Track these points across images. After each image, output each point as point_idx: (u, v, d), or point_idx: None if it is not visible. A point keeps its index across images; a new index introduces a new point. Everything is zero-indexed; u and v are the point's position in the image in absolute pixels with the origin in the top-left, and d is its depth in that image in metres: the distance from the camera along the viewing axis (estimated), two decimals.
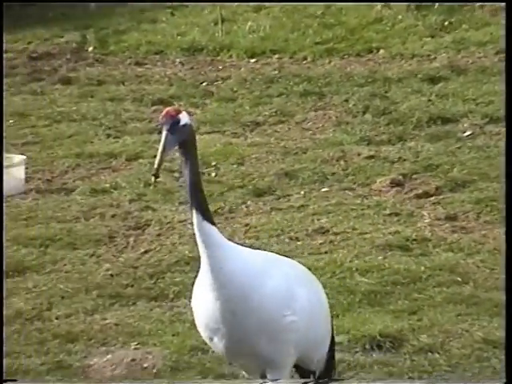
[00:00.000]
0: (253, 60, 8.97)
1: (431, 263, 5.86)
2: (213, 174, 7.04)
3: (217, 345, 3.94)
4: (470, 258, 5.87)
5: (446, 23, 9.20)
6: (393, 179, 6.85)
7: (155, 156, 3.89)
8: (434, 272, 5.77)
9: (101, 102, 8.25)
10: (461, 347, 5.15)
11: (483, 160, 7.01)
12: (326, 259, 5.91)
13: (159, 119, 3.94)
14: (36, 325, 5.46)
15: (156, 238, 6.31)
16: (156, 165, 3.85)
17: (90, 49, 9.27)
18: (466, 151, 7.20)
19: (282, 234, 6.26)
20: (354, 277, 5.73)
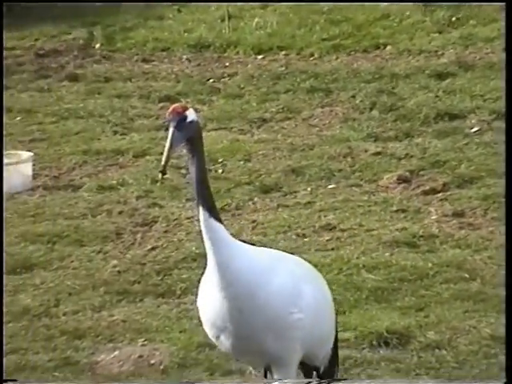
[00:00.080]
0: (260, 56, 8.96)
1: (438, 260, 5.85)
2: (220, 171, 7.03)
3: (223, 343, 3.94)
4: (478, 255, 5.85)
5: (454, 19, 9.17)
6: (400, 176, 6.83)
7: (162, 153, 3.89)
8: (442, 268, 5.76)
9: (108, 99, 8.25)
10: (468, 344, 5.14)
11: (491, 156, 6.98)
12: (333, 256, 5.91)
13: (166, 116, 3.94)
14: (43, 321, 5.47)
15: (163, 235, 6.31)
16: (163, 161, 3.85)
17: (97, 46, 9.27)
18: (474, 147, 7.18)
19: (289, 231, 6.25)
20: (361, 273, 5.72)
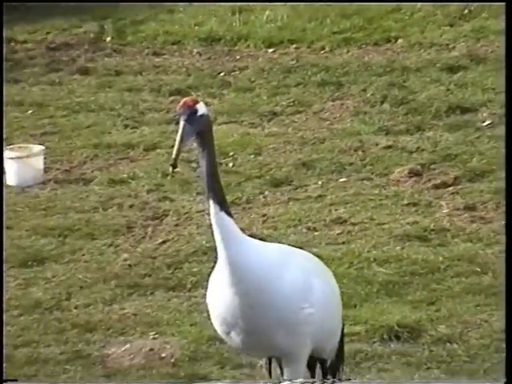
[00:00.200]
0: (270, 50, 8.94)
1: (450, 253, 5.83)
2: (230, 165, 7.03)
3: (234, 339, 3.93)
4: (489, 248, 5.84)
5: (466, 12, 9.12)
6: (411, 169, 6.82)
7: (173, 146, 3.89)
8: (453, 262, 5.75)
9: (119, 93, 8.25)
10: (479, 338, 5.13)
11: (502, 150, 6.96)
12: (344, 249, 5.90)
13: (177, 109, 3.94)
14: (55, 314, 5.49)
15: (174, 228, 6.32)
16: (174, 155, 3.85)
17: (108, 39, 9.27)
18: (485, 141, 7.15)
19: (300, 225, 6.25)
20: (372, 267, 5.71)
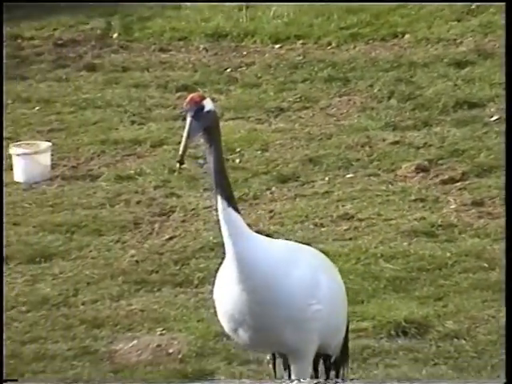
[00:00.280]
0: (277, 46, 8.93)
1: (457, 249, 5.82)
2: (237, 161, 7.03)
3: (241, 336, 3.93)
4: (497, 244, 5.82)
5: (473, 6, 9.09)
6: (418, 165, 6.81)
7: (180, 142, 3.89)
8: (460, 258, 5.74)
9: (125, 89, 8.26)
10: (487, 333, 5.13)
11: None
12: (351, 245, 5.90)
13: (184, 106, 3.94)
14: (62, 311, 5.50)
15: (181, 225, 6.32)
16: (181, 151, 3.85)
17: (115, 35, 9.27)
18: (493, 136, 7.13)
19: (307, 221, 6.25)
20: (379, 263, 5.71)
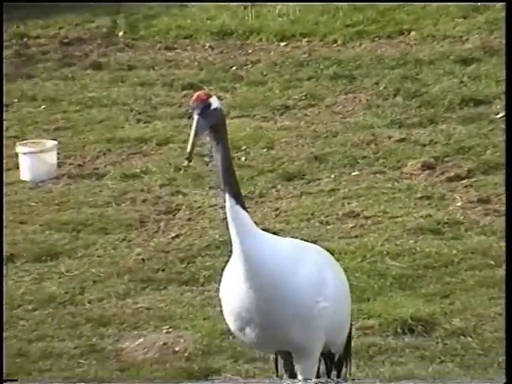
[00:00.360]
0: (282, 43, 8.92)
1: (463, 246, 5.82)
2: (243, 159, 7.03)
3: (248, 335, 3.93)
4: (503, 241, 5.81)
5: (479, 3, 9.07)
6: (424, 162, 6.80)
7: (186, 140, 3.89)
8: (467, 255, 5.74)
9: (131, 87, 8.26)
10: (493, 331, 5.12)
11: None
12: (357, 243, 5.90)
13: (190, 103, 3.94)
14: (69, 309, 5.52)
15: (186, 223, 6.33)
16: (189, 149, 3.85)
17: (121, 34, 9.28)
18: (499, 133, 7.12)
19: (313, 218, 6.25)
20: (385, 261, 5.71)
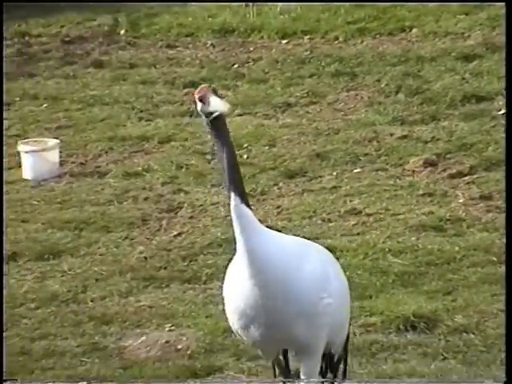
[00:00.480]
0: (284, 41, 8.92)
1: (466, 243, 5.81)
2: (245, 156, 7.03)
3: (252, 333, 3.92)
4: (505, 238, 5.80)
5: (479, 3, 9.06)
6: (426, 159, 6.79)
7: (187, 139, 3.88)
8: (469, 252, 5.73)
9: (133, 86, 8.26)
10: (496, 327, 5.12)
11: None
12: (359, 240, 5.89)
13: (195, 93, 3.89)
14: (71, 307, 5.52)
15: (188, 221, 6.33)
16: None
17: (122, 32, 9.28)
18: (501, 130, 7.11)
19: (314, 216, 6.24)
20: (387, 258, 5.70)
